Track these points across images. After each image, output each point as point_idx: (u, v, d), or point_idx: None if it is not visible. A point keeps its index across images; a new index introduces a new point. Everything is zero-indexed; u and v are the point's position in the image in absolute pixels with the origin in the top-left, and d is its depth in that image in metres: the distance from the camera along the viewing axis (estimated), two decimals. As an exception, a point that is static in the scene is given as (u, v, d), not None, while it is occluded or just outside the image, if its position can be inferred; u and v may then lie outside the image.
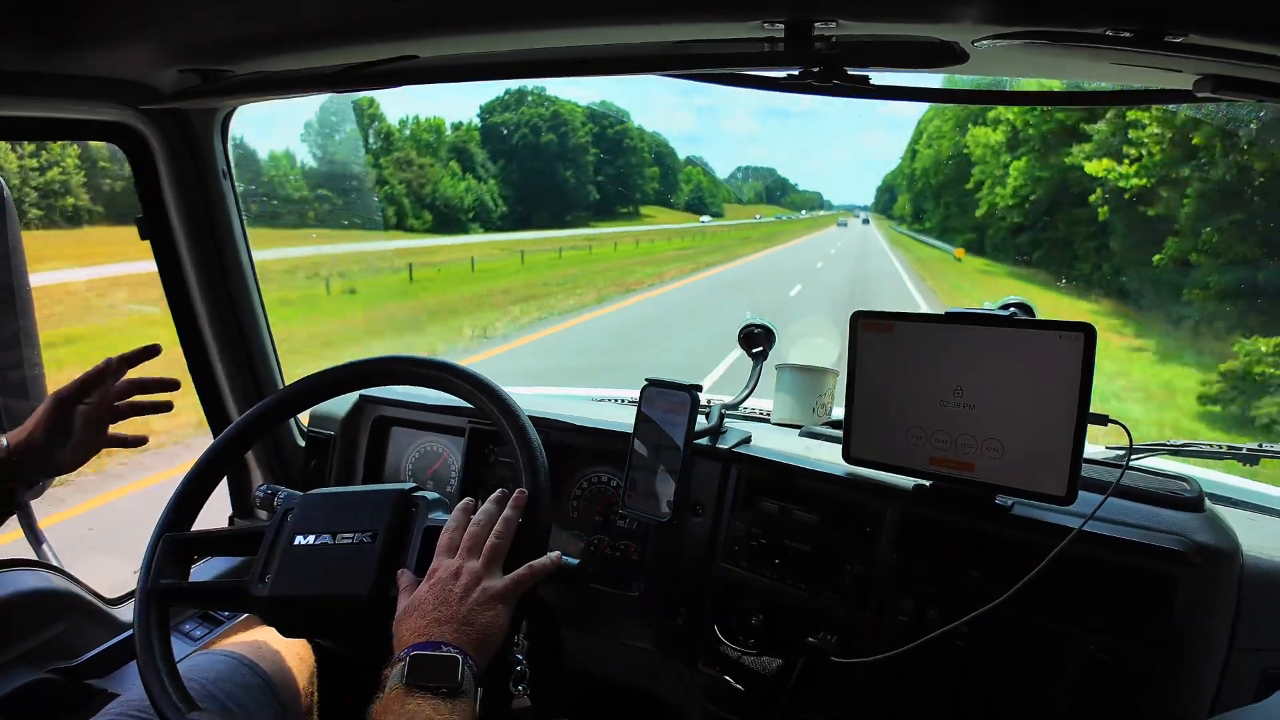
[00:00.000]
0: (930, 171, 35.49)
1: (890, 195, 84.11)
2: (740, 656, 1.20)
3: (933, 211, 34.80)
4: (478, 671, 0.86)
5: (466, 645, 0.86)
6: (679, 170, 68.66)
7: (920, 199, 40.50)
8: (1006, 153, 20.42)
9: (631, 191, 53.45)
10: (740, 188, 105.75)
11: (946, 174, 30.80)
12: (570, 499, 1.42)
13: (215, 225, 1.52)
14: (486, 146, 41.23)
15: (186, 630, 1.48)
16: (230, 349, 1.61)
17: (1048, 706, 1.00)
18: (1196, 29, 0.75)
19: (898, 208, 56.60)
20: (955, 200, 28.13)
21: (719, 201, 77.02)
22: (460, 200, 34.75)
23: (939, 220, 32.81)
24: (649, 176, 57.15)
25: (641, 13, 0.88)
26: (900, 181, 60.34)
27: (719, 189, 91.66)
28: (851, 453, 1.16)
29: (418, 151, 33.84)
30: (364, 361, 1.22)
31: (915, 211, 42.53)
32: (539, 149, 44.57)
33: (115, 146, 1.39)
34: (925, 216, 37.74)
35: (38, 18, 0.91)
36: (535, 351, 11.24)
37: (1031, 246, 19.15)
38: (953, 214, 29.10)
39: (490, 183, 38.72)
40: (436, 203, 33.24)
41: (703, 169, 78.90)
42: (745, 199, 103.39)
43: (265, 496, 1.26)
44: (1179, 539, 0.97)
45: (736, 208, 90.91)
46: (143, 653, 0.99)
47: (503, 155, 42.40)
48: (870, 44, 0.90)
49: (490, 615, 0.90)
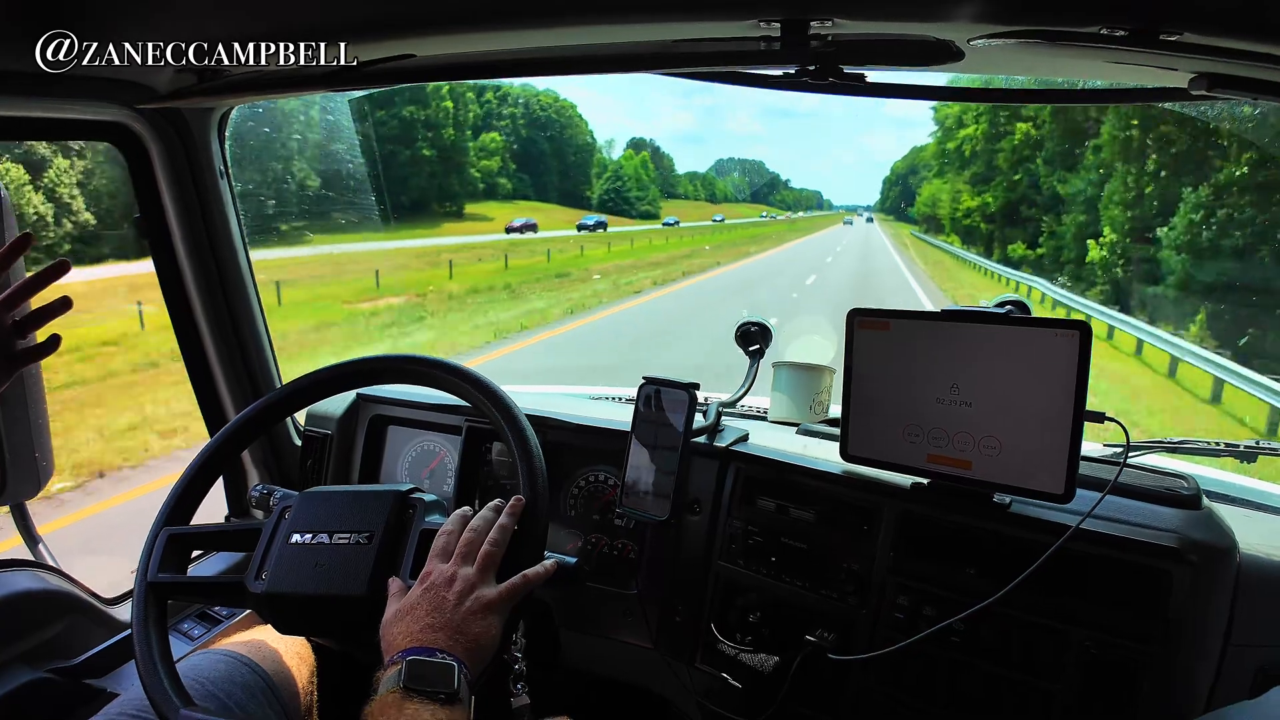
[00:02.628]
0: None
1: (904, 190, 76.65)
2: (738, 654, 1.20)
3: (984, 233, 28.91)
4: (471, 679, 0.86)
5: (460, 653, 0.86)
6: (592, 153, 60.02)
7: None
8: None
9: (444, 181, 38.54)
10: (711, 182, 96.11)
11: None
12: (568, 498, 1.42)
13: (212, 225, 1.52)
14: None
15: (185, 630, 1.48)
16: (227, 348, 1.62)
17: (1044, 702, 1.00)
18: (1191, 28, 0.75)
19: (921, 203, 48.61)
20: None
21: (652, 199, 68.07)
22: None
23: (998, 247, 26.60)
24: (477, 152, 43.27)
25: (638, 11, 0.88)
26: (924, 171, 53.62)
27: (677, 182, 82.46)
28: (849, 450, 1.16)
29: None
30: (362, 360, 1.22)
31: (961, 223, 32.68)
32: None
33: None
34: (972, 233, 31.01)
35: (38, 20, 0.91)
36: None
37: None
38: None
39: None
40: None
41: (647, 157, 70.73)
42: (722, 196, 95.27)
43: (261, 496, 1.26)
44: (1176, 536, 0.98)
45: (702, 206, 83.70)
46: (140, 645, 0.99)
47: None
48: (866, 42, 0.90)
49: (483, 625, 0.90)
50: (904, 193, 78.56)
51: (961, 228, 32.63)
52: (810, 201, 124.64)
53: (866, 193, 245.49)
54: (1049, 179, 22.33)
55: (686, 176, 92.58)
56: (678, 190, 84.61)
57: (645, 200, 66.72)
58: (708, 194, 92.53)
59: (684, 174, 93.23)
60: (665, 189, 78.11)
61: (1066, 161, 21.41)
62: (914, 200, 60.16)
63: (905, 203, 73.01)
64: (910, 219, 60.73)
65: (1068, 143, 21.36)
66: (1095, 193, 18.10)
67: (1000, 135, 27.31)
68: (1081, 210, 19.17)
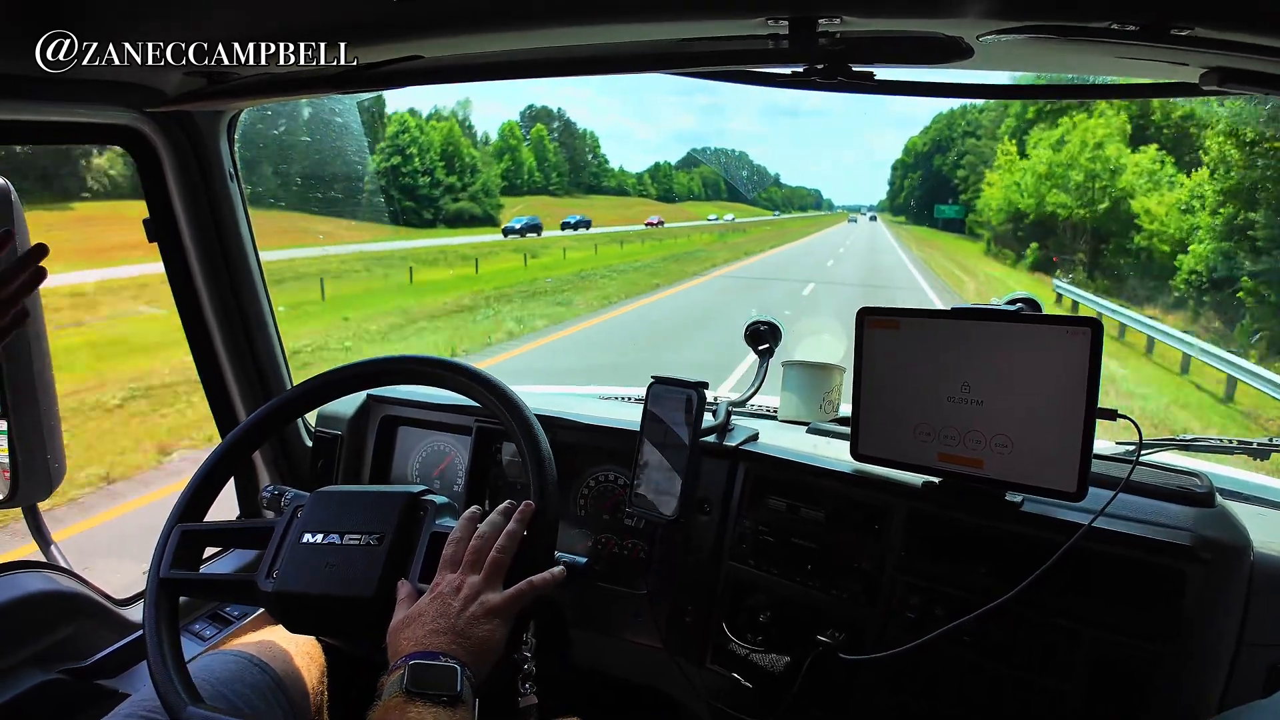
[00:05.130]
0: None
1: (929, 178, 56.25)
2: (748, 654, 1.20)
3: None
4: (475, 682, 0.87)
5: (463, 656, 0.87)
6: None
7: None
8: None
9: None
10: (669, 175, 75.89)
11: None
12: (578, 498, 1.42)
13: (222, 227, 1.53)
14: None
15: (197, 630, 1.49)
16: (238, 350, 1.62)
17: (1056, 702, 1.00)
18: (1202, 22, 0.75)
19: (992, 206, 26.95)
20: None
21: (556, 186, 52.04)
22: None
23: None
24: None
25: (646, 11, 0.88)
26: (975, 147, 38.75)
27: (606, 173, 64.09)
28: (859, 449, 1.16)
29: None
30: (374, 361, 1.22)
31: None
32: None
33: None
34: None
35: (42, 21, 0.92)
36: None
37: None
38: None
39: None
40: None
41: (544, 133, 53.72)
42: (685, 192, 74.80)
43: (272, 497, 1.26)
44: (1190, 534, 0.97)
45: (639, 204, 62.93)
46: (151, 640, 1.00)
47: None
48: (875, 40, 0.89)
49: (488, 629, 0.91)
50: (932, 182, 54.71)
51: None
52: (807, 200, 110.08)
53: (868, 192, 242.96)
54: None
55: (648, 171, 75.30)
56: (604, 183, 65.72)
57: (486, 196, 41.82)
58: (661, 191, 73.39)
59: (646, 169, 75.69)
60: (582, 180, 61.29)
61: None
62: (954, 192, 43.15)
63: (936, 196, 49.22)
64: (950, 221, 39.80)
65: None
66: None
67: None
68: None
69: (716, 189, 79.53)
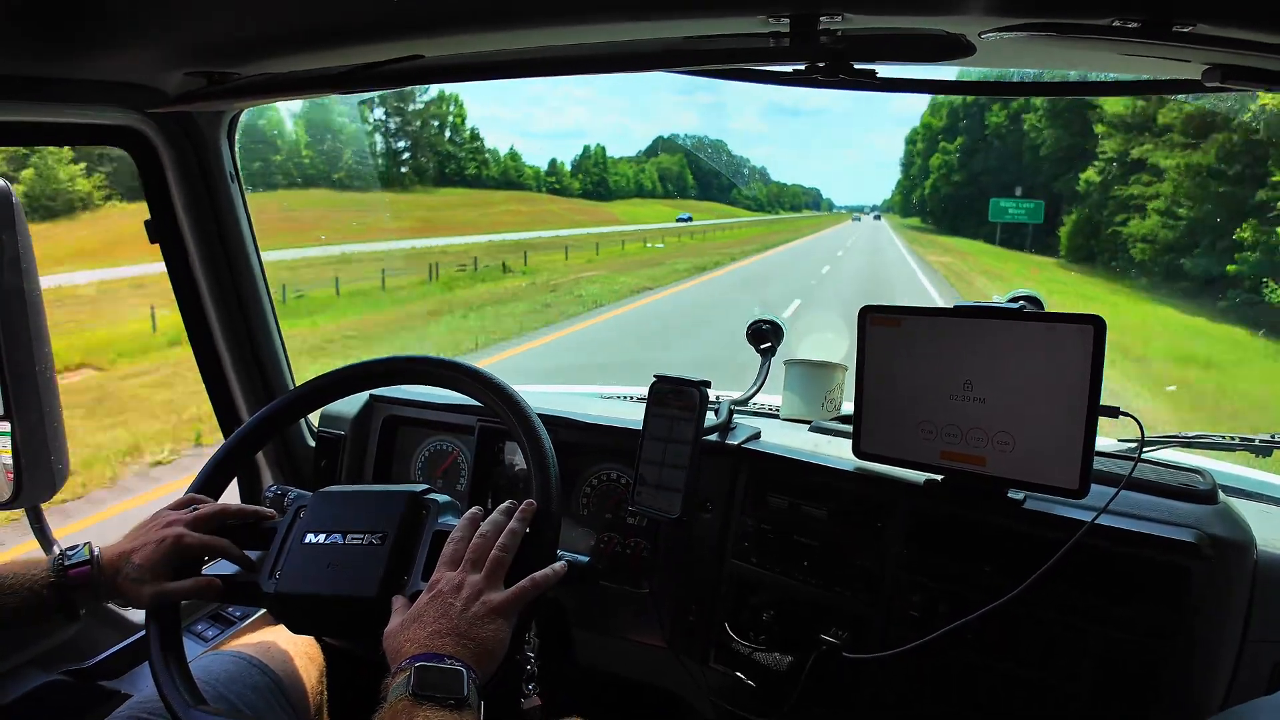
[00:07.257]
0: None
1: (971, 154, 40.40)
2: (751, 653, 1.20)
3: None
4: (480, 683, 0.85)
5: (467, 657, 0.86)
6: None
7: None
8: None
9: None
10: (602, 164, 63.72)
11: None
12: (580, 496, 1.42)
13: (224, 228, 1.53)
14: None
15: (198, 630, 1.49)
16: (240, 351, 1.62)
17: (1060, 700, 1.00)
18: (1204, 19, 0.75)
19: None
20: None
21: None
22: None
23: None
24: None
25: (647, 10, 0.88)
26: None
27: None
28: (861, 447, 1.16)
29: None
30: (376, 361, 1.22)
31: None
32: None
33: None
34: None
35: (43, 22, 0.92)
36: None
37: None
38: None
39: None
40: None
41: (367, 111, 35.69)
42: (634, 188, 63.63)
43: (275, 497, 1.26)
44: (1192, 531, 0.97)
45: (563, 204, 53.50)
46: (153, 640, 1.00)
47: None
48: (876, 37, 0.89)
49: (491, 629, 0.90)
50: (984, 159, 38.84)
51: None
52: (800, 199, 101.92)
53: (871, 192, 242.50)
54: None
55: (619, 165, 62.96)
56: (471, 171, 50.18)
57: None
58: (591, 183, 61.99)
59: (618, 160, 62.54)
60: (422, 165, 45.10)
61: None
62: (1020, 177, 31.07)
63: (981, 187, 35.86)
64: (1008, 226, 27.53)
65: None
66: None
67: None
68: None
69: (682, 184, 68.82)
